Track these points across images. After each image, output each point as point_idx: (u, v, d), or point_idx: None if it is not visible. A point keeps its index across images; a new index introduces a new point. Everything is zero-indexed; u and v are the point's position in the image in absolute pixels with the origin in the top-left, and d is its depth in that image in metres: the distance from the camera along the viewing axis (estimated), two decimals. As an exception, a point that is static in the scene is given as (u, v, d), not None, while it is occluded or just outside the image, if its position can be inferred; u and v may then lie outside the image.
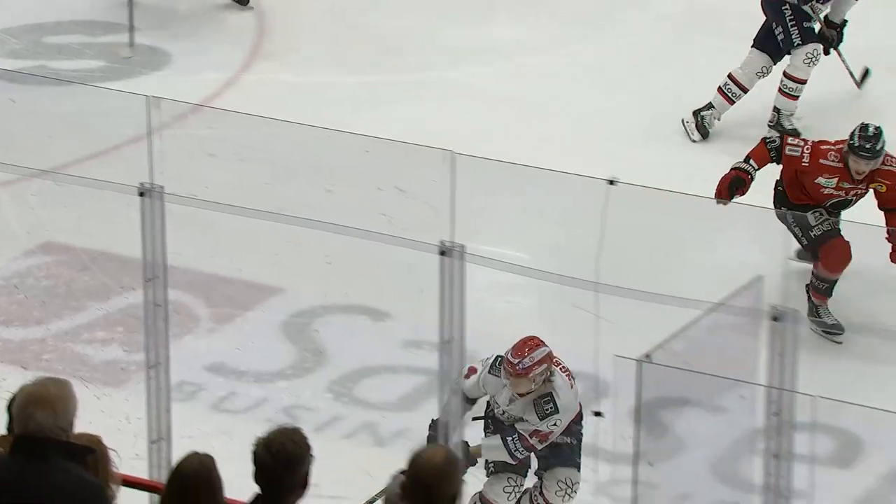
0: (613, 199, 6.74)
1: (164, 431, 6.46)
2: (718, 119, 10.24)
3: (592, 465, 7.48)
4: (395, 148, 8.18)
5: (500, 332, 7.54)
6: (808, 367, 5.83)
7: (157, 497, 5.67)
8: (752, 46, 10.13)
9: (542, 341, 7.10)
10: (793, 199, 8.58)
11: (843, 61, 10.29)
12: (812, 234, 8.45)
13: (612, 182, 6.73)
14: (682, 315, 5.78)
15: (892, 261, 8.51)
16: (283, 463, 5.02)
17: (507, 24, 11.37)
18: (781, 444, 5.60)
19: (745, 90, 10.16)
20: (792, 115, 10.15)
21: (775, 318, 5.54)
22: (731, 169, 8.49)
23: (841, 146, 8.49)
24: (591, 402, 7.65)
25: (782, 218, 8.41)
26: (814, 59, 9.99)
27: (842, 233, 8.44)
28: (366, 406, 8.16)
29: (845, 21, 10.13)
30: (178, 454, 5.26)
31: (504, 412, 7.27)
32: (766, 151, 8.54)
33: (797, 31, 9.99)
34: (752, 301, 5.80)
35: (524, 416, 7.20)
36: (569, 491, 7.23)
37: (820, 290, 8.48)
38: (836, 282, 8.44)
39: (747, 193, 8.36)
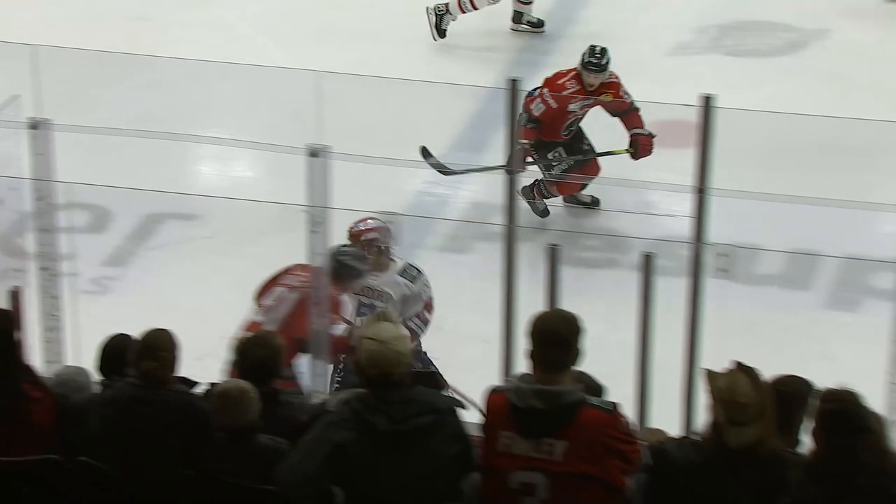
0: None
1: None
2: (455, 19, 10.11)
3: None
4: None
5: None
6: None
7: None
8: None
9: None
10: (540, 135, 8.45)
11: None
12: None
13: None
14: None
15: (634, 159, 8.47)
16: None
17: None
18: (47, 221, 6.04)
19: (475, 9, 10.11)
20: (453, 17, 10.09)
21: (33, 127, 5.90)
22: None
23: (572, 71, 8.48)
24: None
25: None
26: None
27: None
28: None
29: None
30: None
31: (374, 289, 7.08)
32: (525, 127, 8.28)
33: None
34: (14, 115, 6.15)
35: (390, 291, 7.03)
36: None
37: (543, 194, 8.60)
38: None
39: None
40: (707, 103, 5.82)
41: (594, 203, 8.82)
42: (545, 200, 8.71)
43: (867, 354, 5.85)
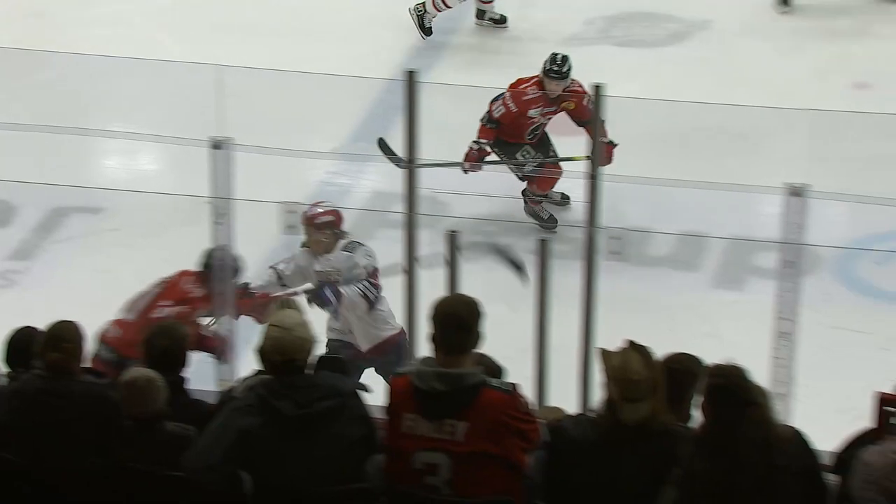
0: None
1: None
2: (434, 17, 10.06)
3: None
4: None
5: None
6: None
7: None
8: None
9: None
10: (503, 137, 8.38)
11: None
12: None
13: None
14: None
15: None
16: None
17: None
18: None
19: (448, 7, 10.09)
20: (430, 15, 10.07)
21: None
22: (470, 150, 8.28)
23: (534, 78, 8.35)
24: None
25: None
26: None
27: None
28: None
29: None
30: None
31: (322, 271, 6.96)
32: (485, 126, 8.30)
33: None
34: None
35: (339, 267, 6.93)
36: None
37: (535, 200, 8.53)
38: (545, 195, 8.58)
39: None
40: (597, 92, 5.86)
41: (565, 199, 8.82)
42: (546, 209, 8.65)
43: (752, 331, 5.93)
